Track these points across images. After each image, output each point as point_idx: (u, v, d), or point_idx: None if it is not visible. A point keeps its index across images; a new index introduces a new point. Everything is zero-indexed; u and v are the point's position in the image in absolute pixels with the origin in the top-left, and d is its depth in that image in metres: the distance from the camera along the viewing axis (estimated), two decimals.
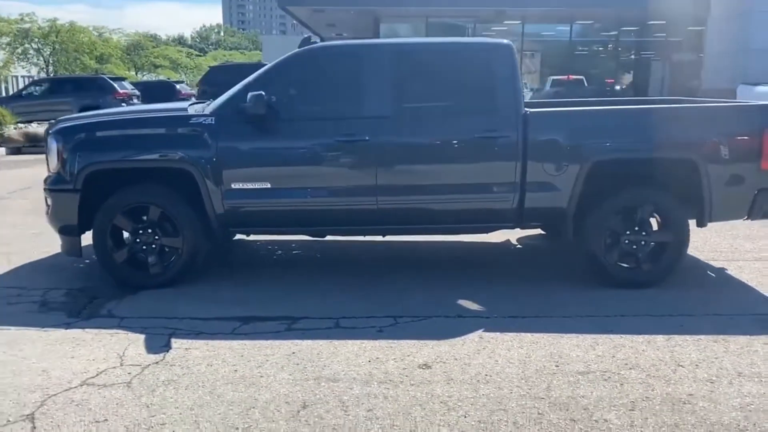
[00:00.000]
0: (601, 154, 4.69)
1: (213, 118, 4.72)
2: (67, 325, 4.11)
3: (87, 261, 5.43)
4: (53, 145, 4.77)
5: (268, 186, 4.73)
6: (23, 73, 35.44)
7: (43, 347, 3.78)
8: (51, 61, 35.08)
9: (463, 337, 3.90)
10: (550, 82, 23.40)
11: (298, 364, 3.54)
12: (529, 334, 3.93)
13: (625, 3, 21.83)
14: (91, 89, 19.09)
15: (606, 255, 4.76)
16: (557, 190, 4.71)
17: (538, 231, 5.99)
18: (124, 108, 5.88)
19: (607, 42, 26.66)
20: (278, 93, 4.71)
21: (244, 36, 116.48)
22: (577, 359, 3.60)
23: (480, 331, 3.98)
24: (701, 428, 2.90)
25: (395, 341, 3.84)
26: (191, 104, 5.28)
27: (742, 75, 14.87)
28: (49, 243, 6.03)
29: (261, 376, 3.40)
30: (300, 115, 4.77)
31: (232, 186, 4.70)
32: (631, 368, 3.48)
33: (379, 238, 5.49)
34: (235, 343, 3.83)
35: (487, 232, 5.25)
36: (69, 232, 4.82)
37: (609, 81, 26.11)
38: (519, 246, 6.12)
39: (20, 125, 14.70)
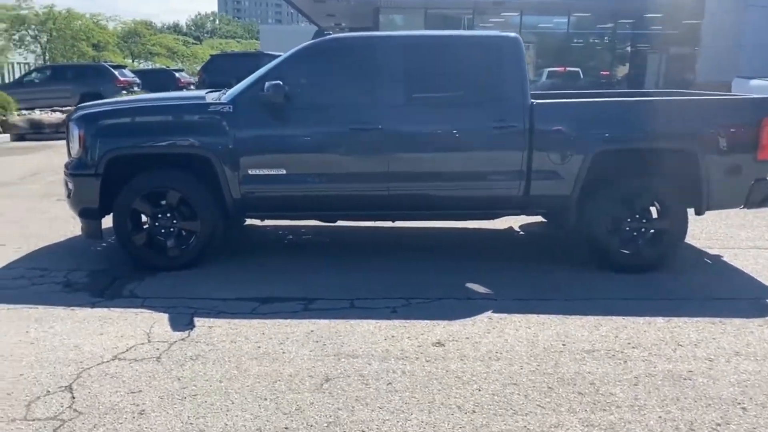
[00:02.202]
0: (604, 144, 4.87)
1: (231, 106, 4.87)
2: (93, 305, 4.28)
3: (104, 244, 5.58)
4: (75, 131, 4.92)
5: (283, 172, 4.89)
6: (20, 60, 35.31)
7: (72, 325, 3.94)
8: (48, 48, 34.96)
9: (473, 318, 4.09)
10: (545, 73, 23.54)
11: (317, 342, 3.72)
12: (535, 316, 4.12)
13: None
14: (92, 77, 19.14)
15: (607, 241, 4.96)
16: (561, 178, 4.89)
17: (539, 218, 6.19)
18: (145, 96, 5.99)
19: (604, 34, 26.82)
20: (294, 82, 4.87)
21: (240, 25, 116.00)
22: (582, 339, 3.79)
23: (489, 312, 4.17)
24: (701, 402, 3.10)
25: (409, 321, 4.03)
26: (208, 92, 5.43)
27: (737, 68, 15.08)
28: (63, 227, 6.20)
29: (283, 353, 3.58)
30: (315, 104, 4.92)
31: (249, 172, 4.86)
32: (633, 347, 3.68)
33: (387, 223, 5.68)
34: (256, 322, 4.01)
35: (493, 219, 5.45)
36: (90, 215, 4.97)
37: (604, 73, 26.28)
38: (522, 232, 6.31)
39: (23, 112, 14.77)
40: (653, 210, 5.06)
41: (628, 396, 3.14)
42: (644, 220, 5.00)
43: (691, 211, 5.05)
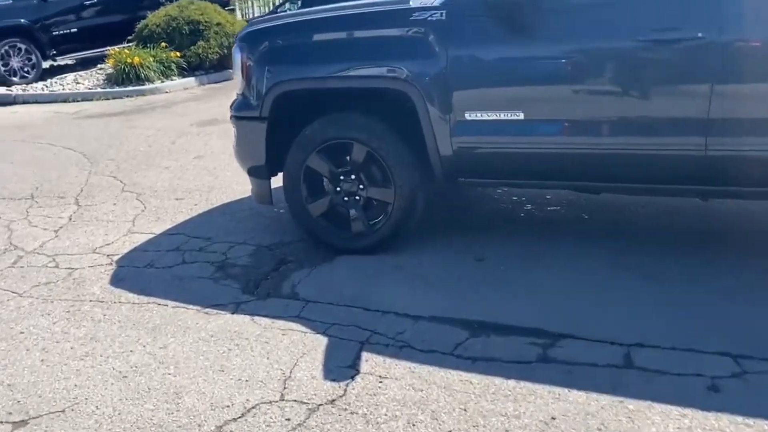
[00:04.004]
0: None
1: (444, 11, 3.11)
2: (236, 307, 3.02)
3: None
4: (237, 56, 3.61)
5: (521, 117, 3.06)
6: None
7: (192, 345, 2.70)
8: None
9: None
10: None
11: None
12: None
13: None
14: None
15: None
16: None
17: None
18: (331, 6, 4.32)
19: None
20: None
21: None
22: None
23: None
24: None
25: (748, 420, 2.03)
26: None
27: None
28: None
29: None
30: (578, 1, 2.95)
31: (466, 116, 3.12)
32: None
33: (692, 200, 3.53)
34: (456, 378, 2.37)
35: None
36: (257, 173, 3.70)
37: None
38: None
39: None
40: None
41: None
42: None
43: None
